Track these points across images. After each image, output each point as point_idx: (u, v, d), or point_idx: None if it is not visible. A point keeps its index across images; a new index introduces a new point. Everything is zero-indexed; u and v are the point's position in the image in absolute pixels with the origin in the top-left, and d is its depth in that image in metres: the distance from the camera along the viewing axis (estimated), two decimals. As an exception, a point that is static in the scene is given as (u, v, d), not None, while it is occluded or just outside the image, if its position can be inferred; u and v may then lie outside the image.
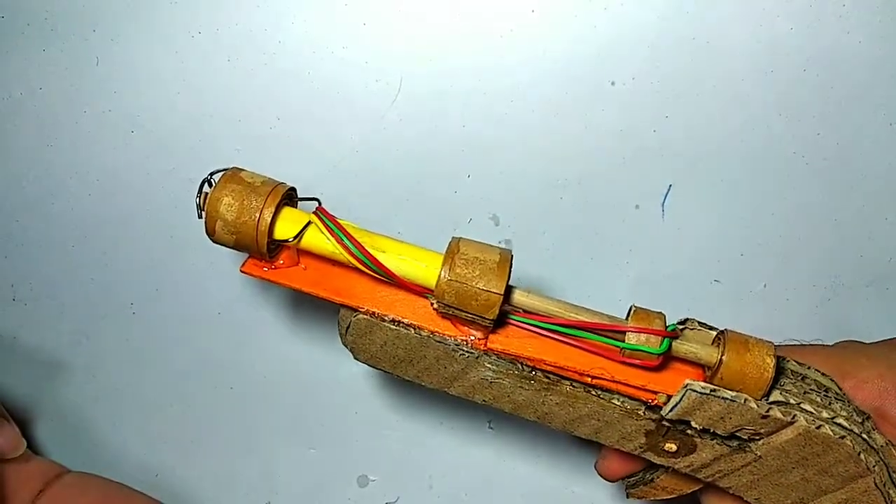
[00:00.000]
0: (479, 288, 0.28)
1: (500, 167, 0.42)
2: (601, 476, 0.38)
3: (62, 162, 0.43)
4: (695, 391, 0.29)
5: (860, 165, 0.41)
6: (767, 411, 0.29)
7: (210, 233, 0.30)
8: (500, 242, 0.43)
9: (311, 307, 0.45)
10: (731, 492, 0.33)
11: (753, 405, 0.29)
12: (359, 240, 0.29)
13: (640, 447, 0.32)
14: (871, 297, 0.43)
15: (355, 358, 0.32)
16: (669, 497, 0.36)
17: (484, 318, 0.29)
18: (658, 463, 0.32)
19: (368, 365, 0.32)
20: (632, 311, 0.30)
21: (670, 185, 0.42)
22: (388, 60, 0.41)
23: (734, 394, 0.29)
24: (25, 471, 0.42)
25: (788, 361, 0.32)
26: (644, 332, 0.29)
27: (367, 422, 0.48)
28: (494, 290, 0.28)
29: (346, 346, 0.32)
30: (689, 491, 0.35)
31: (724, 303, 0.43)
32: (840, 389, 0.32)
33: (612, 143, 0.41)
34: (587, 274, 0.43)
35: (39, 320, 0.47)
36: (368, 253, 0.29)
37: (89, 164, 0.43)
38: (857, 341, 0.36)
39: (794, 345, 0.35)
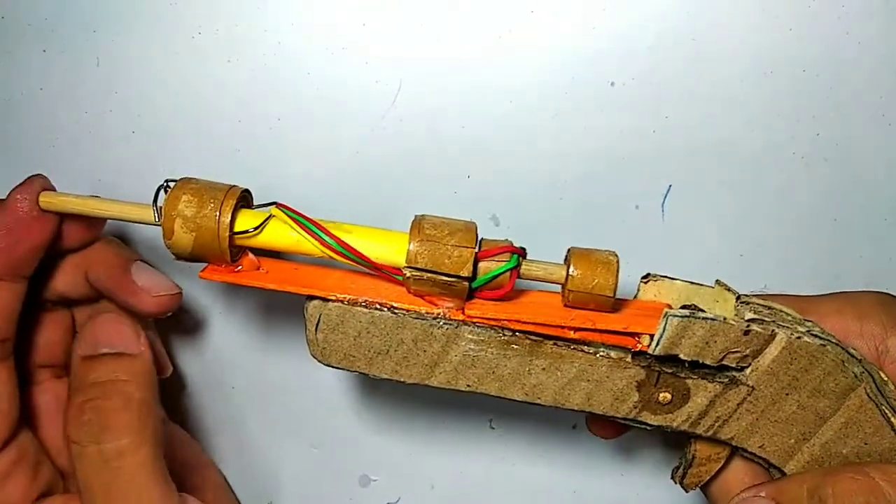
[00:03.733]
0: (451, 244, 0.29)
1: (500, 167, 0.42)
2: (596, 434, 0.37)
3: (63, 162, 0.43)
4: (675, 316, 0.29)
5: (860, 165, 0.41)
6: (748, 327, 0.29)
7: (167, 234, 0.30)
8: (500, 242, 0.43)
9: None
10: (733, 443, 0.32)
11: (733, 322, 0.29)
12: (323, 227, 0.29)
13: (635, 406, 0.31)
14: (871, 297, 0.43)
15: (327, 363, 0.31)
16: (720, 464, 0.34)
17: (459, 276, 0.29)
18: (655, 424, 0.32)
19: (342, 368, 0.31)
20: (480, 242, 0.31)
21: (670, 186, 0.42)
22: (388, 61, 0.41)
23: (713, 314, 0.30)
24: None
25: (750, 297, 0.32)
26: (492, 255, 0.30)
27: (368, 421, 0.48)
28: (467, 245, 0.29)
29: (315, 351, 0.31)
30: (726, 455, 0.34)
31: (725, 303, 0.43)
32: (804, 318, 0.32)
33: (612, 143, 0.41)
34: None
35: (41, 320, 0.47)
36: (335, 236, 0.29)
37: (90, 164, 0.43)
38: None
39: (753, 294, 0.35)
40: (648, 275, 0.35)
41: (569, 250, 0.31)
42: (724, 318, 0.29)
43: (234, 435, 0.49)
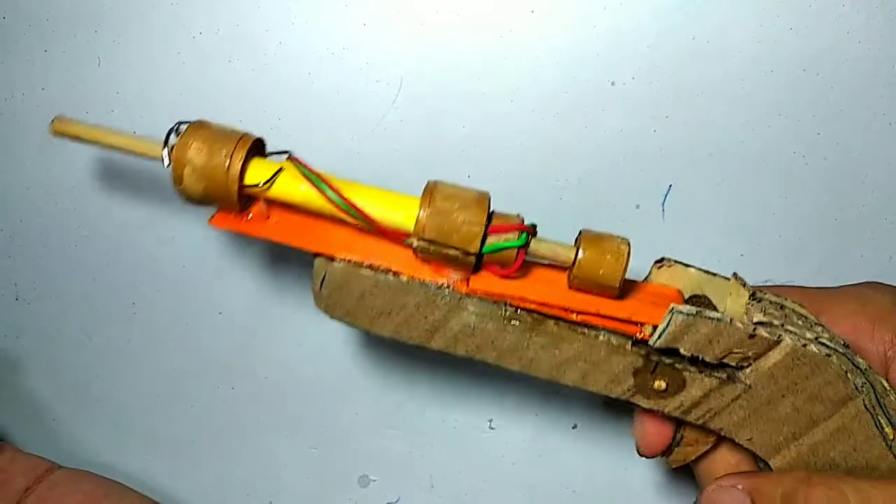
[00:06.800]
0: (460, 220, 0.28)
1: (500, 167, 0.42)
2: (644, 454, 0.36)
3: (64, 162, 0.44)
4: (681, 313, 0.29)
5: (860, 165, 0.41)
6: (754, 330, 0.29)
7: (177, 181, 0.29)
8: (500, 242, 0.43)
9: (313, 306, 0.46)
10: (722, 433, 0.32)
11: (740, 325, 0.29)
12: (334, 184, 0.29)
13: (629, 389, 0.31)
14: (872, 296, 0.43)
15: (331, 316, 0.31)
16: (707, 447, 0.35)
17: (466, 251, 0.29)
18: (647, 407, 0.32)
19: (345, 323, 0.31)
20: (492, 214, 0.30)
21: (670, 186, 0.42)
22: (389, 61, 0.41)
23: (720, 314, 0.29)
24: (11, 466, 0.41)
25: (765, 293, 0.32)
26: (502, 231, 0.29)
27: (368, 422, 0.48)
28: (476, 221, 0.28)
29: (319, 304, 0.31)
30: (713, 440, 0.34)
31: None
32: (816, 318, 0.32)
33: (612, 143, 0.41)
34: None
35: (42, 320, 0.47)
36: (345, 196, 0.29)
37: (91, 164, 0.43)
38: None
39: (768, 285, 0.35)
40: (662, 259, 0.34)
41: (580, 233, 0.31)
42: (731, 320, 0.29)
43: (234, 436, 0.49)
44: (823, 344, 0.30)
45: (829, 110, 0.41)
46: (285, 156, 0.30)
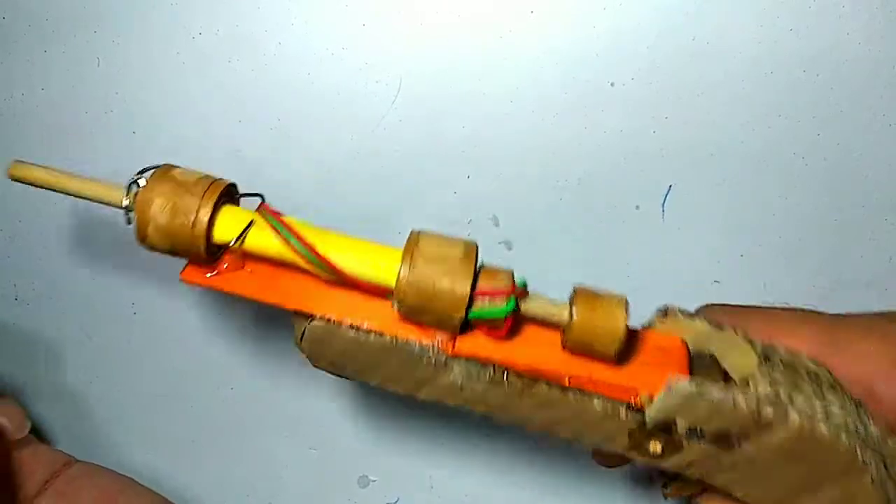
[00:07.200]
0: (443, 287, 0.27)
1: (500, 167, 0.42)
2: (601, 465, 0.36)
3: (64, 163, 0.43)
4: (680, 392, 0.27)
5: (860, 166, 0.41)
6: (759, 412, 0.27)
7: (141, 239, 0.27)
8: (499, 243, 0.43)
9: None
10: (718, 488, 0.31)
11: (743, 405, 0.27)
12: (308, 238, 0.27)
13: (624, 447, 0.30)
14: (871, 297, 0.43)
15: (314, 365, 0.30)
16: (704, 485, 0.33)
17: (451, 318, 0.27)
18: (644, 463, 0.30)
19: (329, 372, 0.30)
20: (480, 269, 0.28)
21: (670, 186, 0.42)
22: (388, 61, 0.41)
23: (722, 394, 0.27)
24: (33, 459, 0.42)
25: (776, 350, 0.31)
26: (489, 295, 0.27)
27: (367, 422, 0.48)
28: (460, 290, 0.27)
29: (301, 354, 0.30)
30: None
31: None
32: (831, 375, 0.30)
33: (611, 143, 0.41)
34: (587, 275, 0.43)
35: (42, 320, 0.47)
36: (318, 253, 0.27)
37: (90, 164, 0.43)
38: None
39: (786, 308, 0.33)
40: (667, 310, 0.32)
41: (575, 290, 0.29)
42: (734, 399, 0.27)
43: (234, 436, 0.49)
44: (833, 420, 0.28)
45: (830, 111, 0.41)
46: (258, 205, 0.28)
